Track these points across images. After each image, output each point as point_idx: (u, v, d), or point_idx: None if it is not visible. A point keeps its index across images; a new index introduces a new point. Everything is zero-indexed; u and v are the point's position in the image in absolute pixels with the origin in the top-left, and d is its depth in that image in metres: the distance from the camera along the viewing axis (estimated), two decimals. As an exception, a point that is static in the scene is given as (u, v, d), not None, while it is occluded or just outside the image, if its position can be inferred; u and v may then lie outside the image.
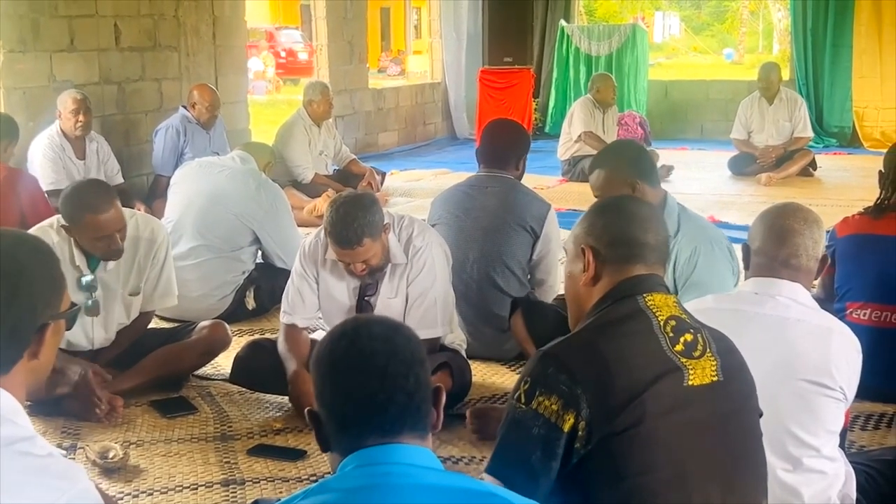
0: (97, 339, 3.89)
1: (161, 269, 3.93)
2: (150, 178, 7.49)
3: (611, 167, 3.40)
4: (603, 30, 12.91)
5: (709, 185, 8.98)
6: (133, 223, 3.83)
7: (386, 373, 1.56)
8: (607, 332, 1.97)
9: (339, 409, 1.58)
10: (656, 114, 12.41)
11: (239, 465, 3.28)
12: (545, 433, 1.86)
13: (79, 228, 3.64)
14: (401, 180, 9.24)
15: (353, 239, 3.32)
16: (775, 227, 2.50)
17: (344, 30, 10.70)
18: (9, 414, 1.59)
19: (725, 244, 3.36)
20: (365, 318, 1.74)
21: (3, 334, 1.61)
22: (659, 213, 2.29)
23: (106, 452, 3.25)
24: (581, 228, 2.15)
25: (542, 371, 1.90)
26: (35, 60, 6.80)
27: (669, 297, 2.04)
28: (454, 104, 12.84)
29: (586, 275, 2.08)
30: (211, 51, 8.54)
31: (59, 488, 1.52)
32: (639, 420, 1.84)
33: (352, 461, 1.56)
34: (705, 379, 1.93)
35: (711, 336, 2.01)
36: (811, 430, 2.36)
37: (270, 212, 4.87)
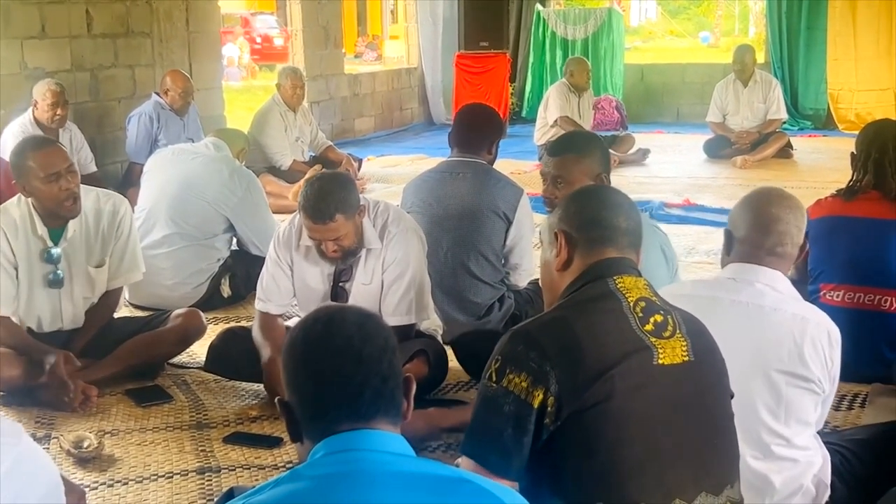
0: (66, 316, 3.86)
1: (126, 243, 3.91)
2: (125, 165, 7.46)
3: (586, 155, 3.30)
4: (579, 13, 12.91)
5: (685, 168, 9.02)
6: (94, 196, 3.86)
7: (361, 356, 1.57)
8: (577, 310, 1.99)
9: (313, 394, 1.58)
10: (632, 97, 12.43)
11: (214, 453, 3.27)
12: (516, 410, 1.88)
13: (27, 176, 3.61)
14: (377, 166, 9.22)
15: (325, 213, 3.31)
16: (762, 215, 2.50)
17: (319, 15, 10.64)
18: None
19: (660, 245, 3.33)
20: (337, 305, 1.75)
21: None
22: (631, 199, 2.29)
23: (80, 442, 3.23)
24: (556, 215, 2.18)
25: (511, 349, 1.93)
26: (6, 48, 6.74)
27: (640, 279, 2.07)
28: (430, 89, 12.81)
29: (559, 259, 2.11)
30: (184, 37, 8.49)
31: (7, 444, 1.59)
32: (607, 396, 1.86)
33: (323, 448, 1.55)
34: (675, 359, 1.95)
35: (682, 318, 2.02)
36: (782, 419, 2.37)
37: (244, 199, 4.85)
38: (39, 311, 3.81)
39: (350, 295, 3.56)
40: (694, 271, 5.37)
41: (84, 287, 3.85)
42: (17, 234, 3.70)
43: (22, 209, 3.71)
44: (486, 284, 4.12)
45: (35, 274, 3.75)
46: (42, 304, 3.81)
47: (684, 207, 7.13)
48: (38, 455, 1.68)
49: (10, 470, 1.56)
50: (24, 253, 3.72)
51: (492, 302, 4.15)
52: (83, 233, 3.80)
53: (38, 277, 3.75)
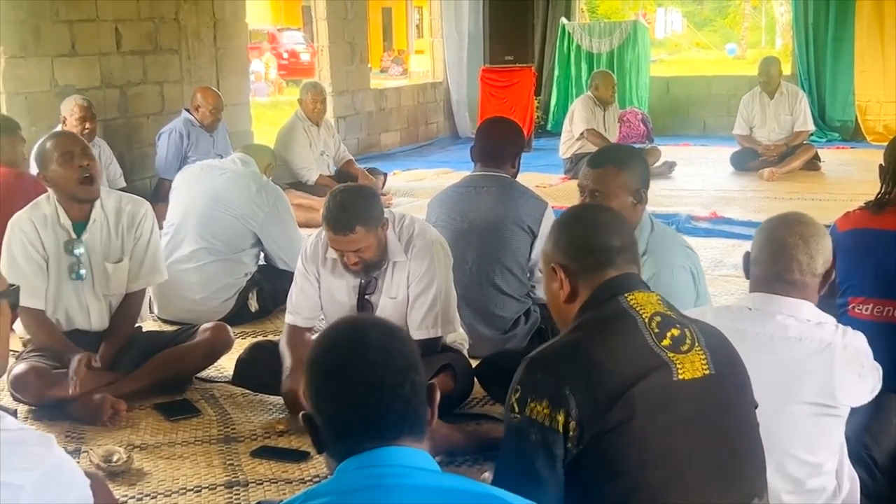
0: (92, 311, 3.92)
1: (147, 245, 3.97)
2: (154, 181, 7.51)
3: (627, 169, 3.21)
4: (604, 27, 12.91)
5: (711, 181, 8.98)
6: (116, 196, 3.99)
7: (383, 383, 1.56)
8: (592, 332, 1.97)
9: (335, 418, 1.59)
10: (658, 110, 12.42)
11: (242, 466, 3.29)
12: (542, 437, 1.87)
13: (47, 163, 3.77)
14: (403, 180, 9.25)
15: (346, 225, 3.32)
16: (772, 239, 2.45)
17: (345, 30, 10.70)
18: None
19: (689, 267, 3.31)
20: (360, 322, 1.74)
21: None
22: (617, 213, 2.29)
23: (110, 456, 3.26)
24: (548, 246, 2.17)
25: (529, 377, 1.92)
26: (37, 65, 6.82)
27: (652, 294, 2.05)
28: (456, 103, 12.85)
29: (563, 292, 2.09)
30: (212, 53, 8.56)
31: (38, 454, 1.60)
32: (629, 416, 1.84)
33: (351, 463, 1.57)
34: (696, 373, 1.93)
35: (700, 330, 2.01)
36: (812, 450, 2.33)
37: (271, 214, 4.88)
38: (66, 304, 3.88)
39: (376, 308, 3.58)
40: (721, 284, 5.35)
41: (103, 283, 3.91)
42: (46, 226, 3.81)
43: (50, 203, 3.84)
44: (511, 298, 4.13)
45: (62, 266, 3.84)
46: (69, 298, 3.88)
47: (711, 220, 7.10)
48: (69, 466, 1.69)
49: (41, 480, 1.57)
50: (53, 245, 3.82)
51: (517, 315, 4.15)
52: (103, 227, 3.89)
53: (63, 269, 3.84)
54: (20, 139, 5.12)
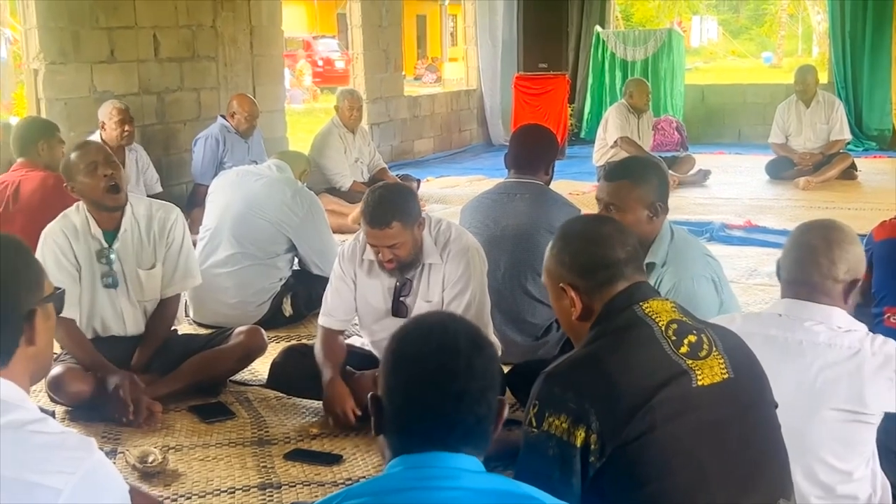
0: (127, 318, 3.96)
1: (179, 250, 4.01)
2: (190, 186, 7.59)
3: (642, 183, 3.20)
4: (638, 35, 12.87)
5: (746, 189, 8.93)
6: (147, 203, 4.04)
7: (462, 397, 1.57)
8: (608, 344, 1.97)
9: (405, 414, 1.60)
10: (693, 118, 12.36)
11: (276, 469, 3.32)
12: (560, 452, 1.86)
13: (73, 174, 3.82)
14: (436, 187, 9.28)
15: (383, 219, 3.36)
16: (797, 242, 2.46)
17: (379, 38, 10.76)
18: (17, 401, 1.68)
19: (710, 276, 3.29)
20: (452, 327, 1.66)
21: None
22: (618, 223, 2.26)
23: (145, 457, 3.30)
24: (552, 262, 2.14)
25: (547, 392, 1.91)
26: (76, 72, 6.93)
27: (666, 301, 2.05)
28: (489, 111, 12.86)
29: (575, 311, 2.08)
30: (248, 60, 8.64)
31: (78, 458, 1.62)
32: (649, 427, 1.84)
33: (400, 463, 1.59)
34: (715, 378, 1.93)
35: (717, 334, 2.00)
36: (843, 456, 2.32)
37: (306, 219, 4.91)
38: (101, 312, 3.93)
39: (411, 311, 3.60)
40: (755, 293, 5.32)
41: (137, 289, 3.95)
42: (77, 236, 3.86)
43: (80, 214, 3.89)
44: (543, 305, 4.13)
45: (95, 275, 3.88)
46: (103, 306, 3.92)
47: (746, 229, 7.07)
48: (108, 470, 1.70)
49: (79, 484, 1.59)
50: (85, 255, 3.87)
51: (549, 322, 4.15)
52: (135, 235, 3.93)
53: (97, 278, 3.89)
54: (59, 142, 5.19)
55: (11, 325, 1.72)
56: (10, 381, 1.70)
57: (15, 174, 4.89)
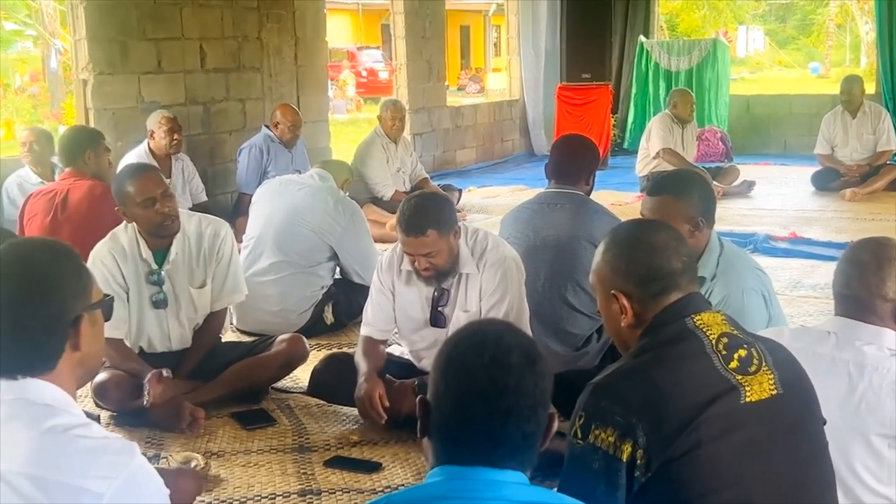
0: (174, 336, 4.01)
1: (228, 265, 4.04)
2: (234, 195, 7.68)
3: (685, 198, 3.17)
4: (683, 45, 12.80)
5: (791, 200, 8.85)
6: (196, 220, 4.02)
7: (510, 412, 1.56)
8: (657, 357, 1.94)
9: (451, 424, 1.59)
10: (738, 129, 12.27)
11: (316, 476, 3.35)
12: (605, 465, 1.84)
13: (127, 203, 3.80)
14: (478, 197, 9.30)
15: (418, 227, 3.39)
16: (848, 258, 2.42)
17: (423, 48, 10.82)
18: (62, 405, 1.71)
19: (760, 290, 3.26)
20: (505, 339, 1.63)
21: (39, 331, 1.72)
22: (675, 230, 2.20)
23: (188, 462, 3.35)
24: (604, 268, 2.10)
25: (594, 404, 1.88)
26: (124, 82, 7.04)
27: (717, 314, 2.02)
28: (532, 121, 12.87)
29: (626, 318, 2.05)
30: (293, 71, 8.73)
31: (120, 463, 1.64)
32: (696, 444, 1.82)
33: (441, 473, 1.58)
34: (763, 394, 1.90)
35: (767, 348, 1.98)
36: (884, 480, 2.28)
37: (348, 228, 4.95)
38: (149, 331, 3.97)
39: (449, 320, 3.61)
40: (799, 305, 5.26)
41: (188, 307, 3.99)
42: (126, 258, 3.88)
43: (129, 234, 3.90)
44: (584, 315, 4.12)
45: (143, 296, 3.92)
46: (151, 325, 3.96)
47: (790, 240, 7.00)
48: (150, 474, 1.72)
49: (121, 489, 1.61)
50: (133, 276, 3.89)
51: (590, 333, 4.13)
52: (185, 255, 3.96)
53: (145, 299, 3.92)
54: (105, 150, 5.25)
55: (57, 330, 1.74)
56: (56, 386, 1.73)
57: (63, 183, 4.97)
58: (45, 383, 1.72)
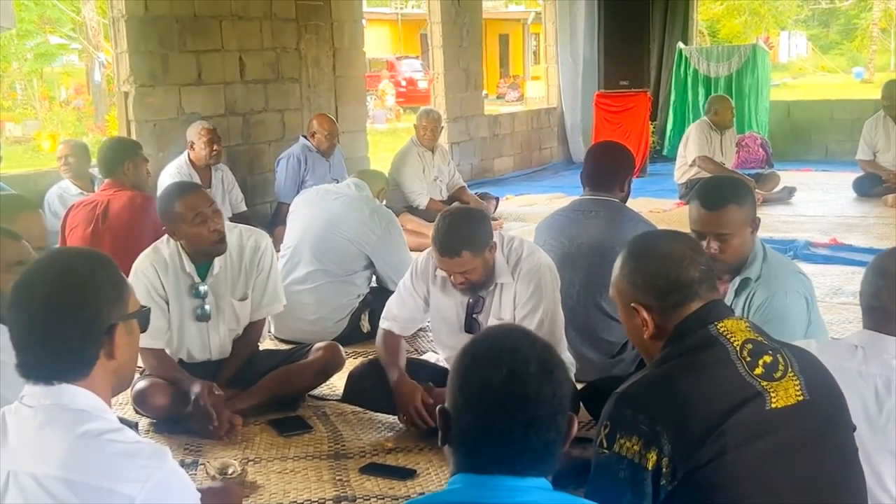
0: (214, 347, 4.06)
1: (267, 277, 4.09)
2: (273, 205, 7.75)
3: (746, 202, 3.16)
4: (722, 51, 12.72)
5: (832, 207, 8.75)
6: (237, 233, 4.05)
7: (531, 423, 1.57)
8: (681, 365, 1.94)
9: (472, 436, 1.60)
10: (779, 135, 12.17)
11: (351, 482, 3.37)
12: (631, 474, 1.85)
13: (176, 222, 3.83)
14: (515, 205, 9.31)
15: (453, 249, 3.42)
16: (873, 267, 2.40)
17: (460, 58, 10.85)
18: (97, 411, 1.75)
19: (804, 294, 3.23)
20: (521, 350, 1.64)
21: (75, 337, 1.75)
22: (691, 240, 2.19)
23: (225, 468, 3.38)
24: (623, 281, 2.11)
25: (619, 413, 1.89)
26: (165, 94, 7.14)
27: (741, 321, 2.01)
28: (570, 128, 12.85)
29: (647, 331, 2.05)
30: (331, 82, 8.80)
31: (151, 467, 1.67)
32: (722, 451, 1.82)
33: (462, 480, 1.60)
34: (789, 400, 1.90)
35: (793, 354, 1.97)
36: None
37: (384, 237, 4.98)
38: (189, 343, 4.02)
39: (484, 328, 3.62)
40: (839, 312, 5.21)
41: (230, 320, 4.04)
42: (167, 271, 3.92)
43: (171, 248, 3.93)
44: (619, 322, 4.05)
45: (185, 308, 3.96)
46: (192, 337, 4.02)
47: (831, 247, 6.92)
48: (181, 479, 1.75)
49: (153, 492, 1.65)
50: (174, 289, 3.93)
51: (625, 340, 4.12)
52: (228, 268, 4.00)
53: (187, 312, 3.97)
54: (143, 160, 5.33)
55: (92, 338, 1.77)
56: (91, 392, 1.77)
57: (103, 194, 5.05)
58: (80, 389, 1.75)
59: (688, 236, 2.24)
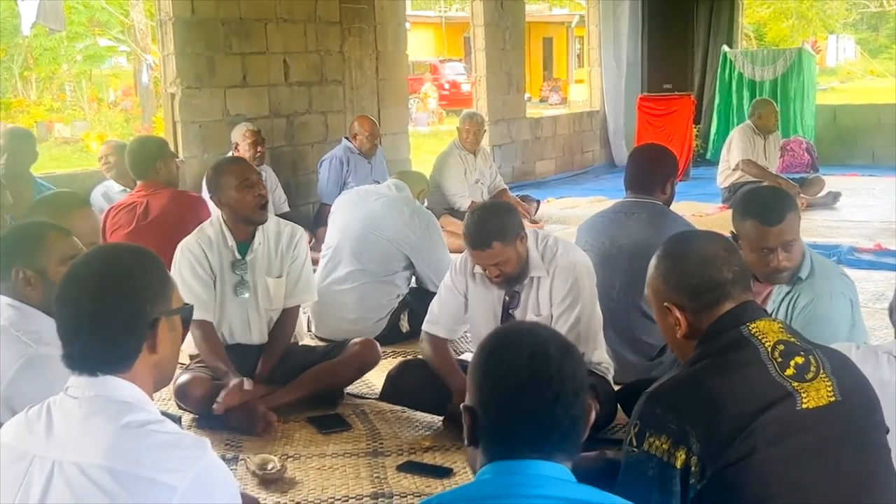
0: (253, 326, 4.16)
1: (302, 265, 4.22)
2: (316, 206, 7.82)
3: (796, 206, 3.19)
4: (767, 54, 12.62)
5: (878, 212, 8.65)
6: (275, 220, 4.26)
7: (558, 400, 1.60)
8: (712, 365, 1.95)
9: (501, 424, 1.62)
10: (824, 139, 12.04)
11: (388, 480, 3.40)
12: (659, 473, 1.87)
13: (223, 188, 4.03)
14: (556, 208, 9.30)
15: (483, 241, 3.46)
16: None
17: (502, 60, 10.87)
18: (139, 403, 1.78)
19: (848, 296, 3.21)
20: (539, 333, 1.71)
21: (119, 330, 1.79)
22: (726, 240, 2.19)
23: (265, 464, 3.43)
24: (657, 280, 2.12)
25: (649, 412, 1.91)
26: (211, 96, 7.25)
27: (773, 322, 2.02)
28: (613, 132, 12.81)
29: (680, 330, 2.07)
30: (374, 84, 8.86)
31: (192, 457, 1.70)
32: (751, 450, 1.83)
33: (490, 470, 1.62)
34: (821, 401, 1.90)
35: (825, 355, 1.97)
36: None
37: (423, 237, 5.02)
38: (231, 319, 4.14)
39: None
40: (882, 317, 5.13)
41: (264, 297, 4.15)
42: (212, 247, 4.10)
43: (215, 227, 4.13)
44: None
45: (227, 284, 4.11)
46: (233, 313, 4.13)
47: (875, 252, 6.85)
48: (221, 471, 1.77)
49: (194, 482, 1.68)
50: (218, 264, 4.10)
51: (665, 343, 4.11)
52: (265, 247, 4.15)
53: (228, 287, 4.11)
54: (172, 156, 5.42)
55: (135, 331, 1.81)
56: (134, 384, 1.80)
57: (141, 195, 5.10)
58: (123, 381, 1.78)
59: (723, 237, 2.24)
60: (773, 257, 3.05)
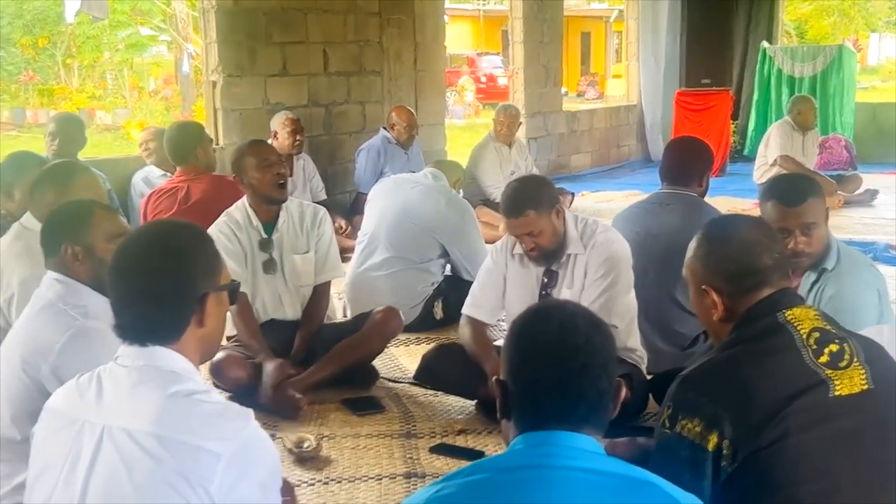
0: (286, 301, 4.28)
1: (329, 243, 4.35)
2: (353, 195, 7.89)
3: (821, 194, 3.16)
4: (807, 51, 12.51)
5: (916, 210, 8.58)
6: (297, 202, 4.41)
7: (585, 371, 1.62)
8: (747, 350, 1.97)
9: (531, 396, 1.65)
10: (864, 137, 11.92)
11: (420, 460, 3.47)
12: (691, 455, 1.89)
13: (246, 169, 4.18)
14: (591, 201, 9.32)
15: (518, 209, 3.54)
16: None
17: (540, 53, 10.89)
18: (187, 373, 1.84)
19: (875, 287, 3.20)
20: (568, 307, 1.74)
21: (169, 303, 1.85)
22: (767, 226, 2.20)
23: (301, 442, 3.51)
24: (696, 263, 2.14)
25: (682, 395, 1.94)
26: (251, 84, 7.34)
27: (810, 309, 2.04)
28: (650, 126, 12.77)
29: (717, 312, 2.09)
30: (412, 76, 8.92)
31: (237, 427, 1.77)
32: (783, 435, 1.85)
33: (522, 441, 1.65)
34: (854, 388, 1.92)
35: (860, 344, 1.98)
36: None
37: (459, 226, 5.08)
38: (263, 296, 4.27)
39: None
40: (917, 315, 5.13)
41: (292, 273, 4.27)
42: (240, 228, 4.24)
43: (241, 209, 4.27)
44: (692, 315, 4.08)
45: (256, 263, 4.23)
46: (264, 291, 4.26)
47: (912, 250, 6.81)
48: (263, 439, 1.83)
49: (239, 450, 1.74)
50: (247, 244, 4.23)
51: (697, 333, 4.13)
52: (290, 226, 4.28)
53: (258, 265, 4.24)
54: (209, 141, 5.56)
55: (185, 304, 1.87)
56: (181, 356, 1.87)
57: (181, 180, 5.19)
58: (171, 352, 1.85)
59: (764, 223, 2.25)
60: (791, 239, 3.00)
